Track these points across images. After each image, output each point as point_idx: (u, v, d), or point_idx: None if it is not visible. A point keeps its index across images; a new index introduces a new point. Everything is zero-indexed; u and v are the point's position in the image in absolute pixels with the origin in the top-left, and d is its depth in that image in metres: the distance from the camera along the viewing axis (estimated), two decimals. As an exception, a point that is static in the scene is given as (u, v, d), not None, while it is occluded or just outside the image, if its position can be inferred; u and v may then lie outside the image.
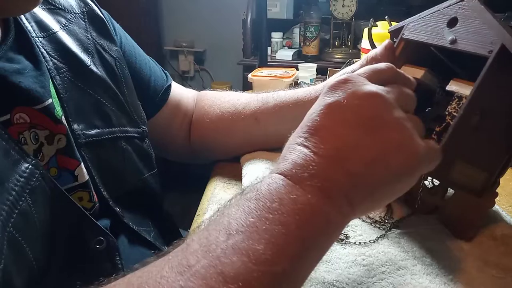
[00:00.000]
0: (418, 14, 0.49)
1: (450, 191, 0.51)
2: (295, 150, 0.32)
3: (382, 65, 0.39)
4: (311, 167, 0.31)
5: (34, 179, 0.39)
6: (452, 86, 0.44)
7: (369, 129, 0.32)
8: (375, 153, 0.32)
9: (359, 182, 0.32)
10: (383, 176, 0.32)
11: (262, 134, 0.65)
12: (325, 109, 0.33)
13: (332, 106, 0.33)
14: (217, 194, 0.61)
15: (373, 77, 0.36)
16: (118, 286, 0.28)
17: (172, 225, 0.67)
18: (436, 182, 0.50)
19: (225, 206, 0.32)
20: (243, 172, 0.62)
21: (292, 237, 0.28)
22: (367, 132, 0.32)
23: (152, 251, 0.53)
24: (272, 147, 0.65)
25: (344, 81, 0.35)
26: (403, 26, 0.51)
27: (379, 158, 0.32)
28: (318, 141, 0.32)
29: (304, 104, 0.60)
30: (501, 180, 0.45)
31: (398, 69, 0.40)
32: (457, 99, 0.43)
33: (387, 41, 0.53)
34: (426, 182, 0.51)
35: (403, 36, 0.51)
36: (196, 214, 0.57)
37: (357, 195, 0.32)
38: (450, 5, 0.45)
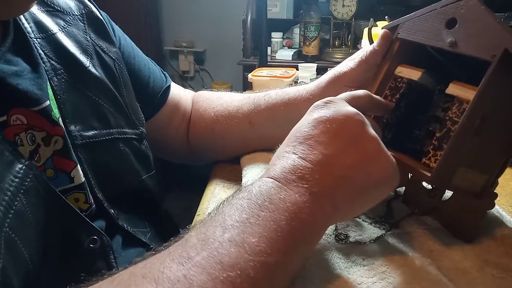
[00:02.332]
0: (414, 13, 0.47)
1: (449, 191, 0.51)
2: (284, 157, 0.37)
3: (360, 92, 0.44)
4: (299, 170, 0.35)
5: (28, 180, 0.39)
6: (452, 90, 0.43)
7: (351, 140, 0.37)
8: (356, 160, 0.36)
9: (341, 186, 0.36)
10: (363, 182, 0.37)
11: (258, 136, 0.65)
12: (312, 122, 0.38)
13: (319, 120, 0.38)
14: (217, 194, 0.61)
15: (352, 102, 0.41)
16: (121, 276, 0.30)
17: (171, 225, 0.68)
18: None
19: (218, 206, 0.35)
20: (243, 172, 0.62)
21: (282, 231, 0.32)
22: (349, 143, 0.37)
23: (149, 249, 0.53)
24: (268, 147, 0.65)
25: (328, 101, 0.39)
26: (398, 24, 0.50)
27: (360, 165, 0.37)
28: (306, 148, 0.36)
29: (296, 105, 0.61)
30: (501, 180, 0.45)
31: (373, 95, 0.45)
32: (457, 104, 0.42)
33: (383, 30, 0.53)
34: (424, 183, 0.51)
35: (398, 36, 0.50)
36: (196, 214, 0.57)
37: (339, 198, 0.36)
38: (447, 5, 0.43)
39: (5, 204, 0.36)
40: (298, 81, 1.11)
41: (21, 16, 0.48)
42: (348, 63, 0.57)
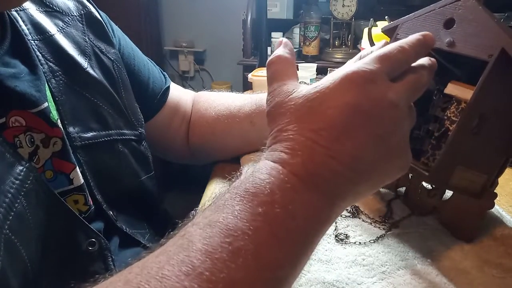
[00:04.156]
0: (413, 13, 0.48)
1: (449, 191, 0.51)
2: (306, 148, 0.30)
3: (398, 53, 0.34)
4: (326, 173, 0.30)
5: (29, 182, 0.39)
6: (450, 90, 0.43)
7: (386, 141, 0.31)
8: (385, 164, 0.32)
9: (362, 191, 0.32)
10: (379, 182, 0.33)
11: (258, 136, 0.65)
12: (349, 111, 0.30)
13: (357, 111, 0.30)
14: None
15: (391, 72, 0.33)
16: (115, 283, 0.27)
17: (171, 226, 0.67)
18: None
19: (227, 198, 0.29)
20: (244, 172, 0.62)
21: (297, 243, 0.28)
22: (384, 144, 0.31)
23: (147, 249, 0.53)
24: None
25: (369, 80, 0.31)
26: (397, 25, 0.50)
27: (384, 168, 0.32)
28: (336, 144, 0.30)
29: None
30: (501, 180, 0.45)
31: (407, 47, 0.35)
32: (455, 103, 0.42)
33: (383, 41, 0.53)
34: (424, 184, 0.51)
35: (397, 36, 0.50)
36: (196, 214, 0.57)
37: (353, 198, 0.32)
38: (445, 5, 0.44)
39: (5, 206, 0.36)
40: (298, 81, 1.11)
41: (18, 18, 0.48)
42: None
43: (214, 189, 0.63)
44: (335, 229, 0.49)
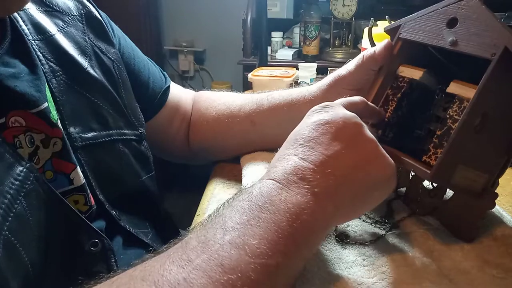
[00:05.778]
0: (416, 13, 0.48)
1: (449, 191, 0.51)
2: (285, 159, 0.37)
3: (356, 98, 0.44)
4: (300, 171, 0.35)
5: (29, 182, 0.39)
6: (453, 89, 0.43)
7: (350, 141, 0.37)
8: (357, 161, 0.37)
9: (343, 186, 0.36)
10: (363, 182, 0.37)
11: (259, 136, 0.65)
12: (312, 125, 0.38)
13: (318, 123, 0.38)
14: (217, 194, 0.61)
15: (348, 107, 0.42)
16: (120, 280, 0.30)
17: (171, 226, 0.68)
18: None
19: (218, 209, 0.35)
20: (243, 172, 0.62)
21: (283, 233, 0.31)
22: (348, 144, 0.37)
23: (149, 250, 0.53)
24: (269, 148, 0.65)
25: (326, 106, 0.40)
26: (400, 25, 0.50)
27: (360, 165, 0.37)
28: (307, 150, 0.37)
29: (299, 106, 0.60)
30: (501, 180, 0.45)
31: (368, 102, 0.46)
32: (458, 102, 0.42)
33: (386, 40, 0.53)
34: (425, 184, 0.51)
35: (400, 36, 0.50)
36: (196, 214, 0.57)
37: (340, 197, 0.36)
38: (448, 5, 0.44)
39: (4, 207, 0.36)
40: (299, 81, 1.11)
41: (19, 18, 0.48)
42: (347, 66, 0.58)
43: (214, 189, 0.63)
44: (335, 229, 0.49)
